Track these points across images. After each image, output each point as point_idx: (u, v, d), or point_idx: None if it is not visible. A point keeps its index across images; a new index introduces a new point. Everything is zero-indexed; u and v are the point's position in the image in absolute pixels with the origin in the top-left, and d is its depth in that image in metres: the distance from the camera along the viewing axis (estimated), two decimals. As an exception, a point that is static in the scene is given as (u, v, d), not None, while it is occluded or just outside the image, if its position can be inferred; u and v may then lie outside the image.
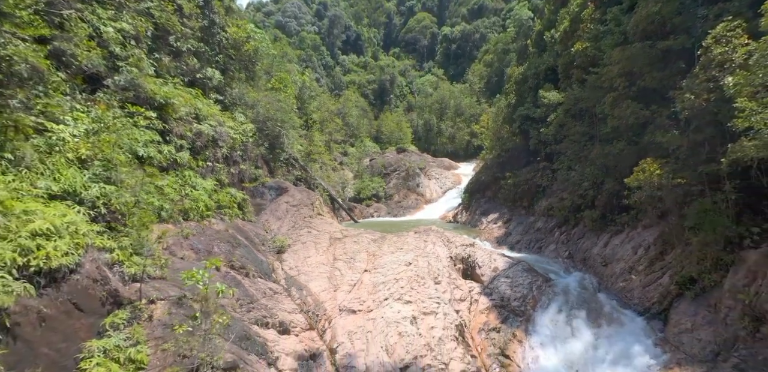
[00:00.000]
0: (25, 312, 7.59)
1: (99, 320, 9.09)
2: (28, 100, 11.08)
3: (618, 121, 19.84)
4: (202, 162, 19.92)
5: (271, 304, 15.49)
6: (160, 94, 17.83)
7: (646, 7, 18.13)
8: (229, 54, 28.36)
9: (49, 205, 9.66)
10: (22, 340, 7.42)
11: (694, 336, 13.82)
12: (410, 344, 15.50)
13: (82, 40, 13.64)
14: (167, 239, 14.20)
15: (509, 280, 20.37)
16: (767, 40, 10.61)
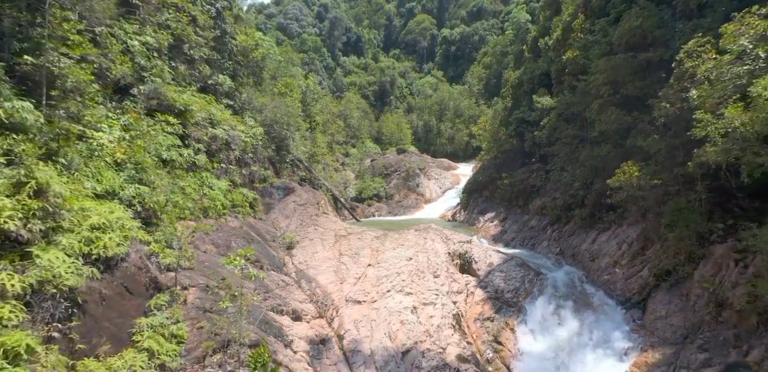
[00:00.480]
0: (90, 292, 9.08)
1: (144, 302, 10.58)
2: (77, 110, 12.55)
3: (604, 125, 21.33)
4: (217, 164, 21.39)
5: (284, 294, 16.99)
6: (180, 101, 19.31)
7: (629, 20, 19.63)
8: (237, 60, 29.83)
9: (100, 203, 11.15)
10: (89, 315, 8.91)
11: (667, 322, 15.33)
12: (411, 331, 16.99)
13: (116, 55, 15.10)
14: (190, 234, 15.67)
15: (503, 274, 21.88)
16: (724, 59, 12.07)
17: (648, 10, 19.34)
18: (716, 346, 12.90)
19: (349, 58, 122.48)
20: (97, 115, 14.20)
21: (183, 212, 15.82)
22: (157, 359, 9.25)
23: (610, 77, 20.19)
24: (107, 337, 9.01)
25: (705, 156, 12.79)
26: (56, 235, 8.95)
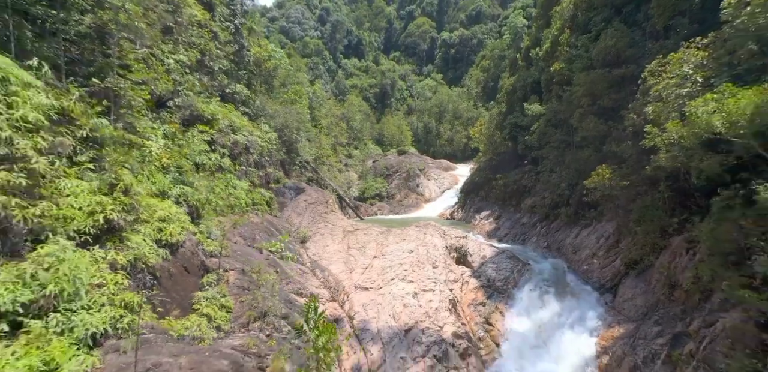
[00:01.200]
0: (162, 269, 11.60)
1: (198, 279, 13.11)
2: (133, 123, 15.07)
3: (585, 132, 23.88)
4: (238, 166, 23.91)
5: (302, 280, 19.52)
6: (208, 111, 21.84)
7: (605, 40, 22.16)
8: (251, 70, 32.36)
9: (159, 201, 13.68)
10: (163, 287, 11.43)
11: (632, 303, 17.86)
12: (412, 313, 19.52)
13: (161, 74, 17.62)
14: (222, 228, 18.19)
15: (495, 266, 24.41)
16: (671, 82, 14.60)
17: (621, 31, 21.88)
18: (667, 320, 15.43)
19: (350, 61, 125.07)
20: (145, 126, 16.72)
21: (216, 209, 18.33)
22: (214, 322, 11.76)
23: (589, 90, 22.72)
24: (176, 305, 11.53)
25: (659, 162, 15.31)
26: (137, 224, 11.48)
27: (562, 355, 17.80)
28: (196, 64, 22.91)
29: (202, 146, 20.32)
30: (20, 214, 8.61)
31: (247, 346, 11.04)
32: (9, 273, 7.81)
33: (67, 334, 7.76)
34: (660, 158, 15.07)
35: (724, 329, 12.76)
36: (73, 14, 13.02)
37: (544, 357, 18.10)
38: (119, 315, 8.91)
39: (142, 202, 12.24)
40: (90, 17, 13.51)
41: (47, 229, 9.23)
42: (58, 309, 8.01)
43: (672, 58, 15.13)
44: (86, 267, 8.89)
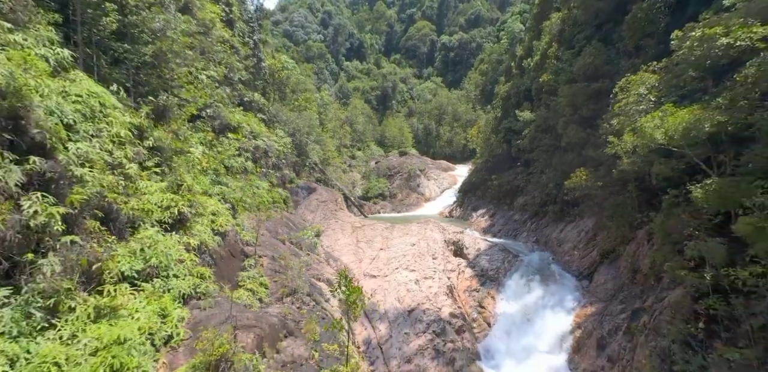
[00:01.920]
0: (216, 253, 14.54)
1: (240, 263, 16.04)
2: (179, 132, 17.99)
3: (568, 138, 26.79)
4: (259, 168, 26.84)
5: (319, 268, 22.44)
6: (234, 120, 24.76)
7: (584, 57, 25.07)
8: (266, 79, 35.28)
9: (207, 198, 16.61)
10: (217, 266, 14.36)
11: (603, 287, 20.79)
12: (415, 297, 22.46)
13: (201, 91, 20.55)
14: (250, 222, 21.11)
15: (488, 257, 27.33)
16: (630, 99, 17.52)
17: (599, 49, 24.77)
18: (629, 299, 18.36)
19: (351, 63, 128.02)
20: (187, 135, 19.64)
21: (244, 206, 21.26)
22: (257, 295, 14.68)
23: (571, 101, 25.63)
24: (227, 280, 14.46)
25: (623, 166, 18.23)
26: (197, 217, 14.41)
27: (543, 331, 20.73)
28: (223, 78, 25.81)
29: (232, 151, 23.23)
30: (123, 207, 11.55)
31: (285, 314, 13.97)
32: (123, 249, 10.75)
33: (168, 294, 10.70)
34: (623, 163, 17.99)
35: (669, 303, 15.71)
36: (138, 47, 15.93)
37: (528, 333, 21.03)
38: (197, 283, 11.86)
39: (198, 199, 15.18)
40: (150, 47, 16.43)
41: (138, 219, 12.17)
42: (159, 276, 10.96)
43: (632, 80, 18.06)
44: (171, 246, 11.84)
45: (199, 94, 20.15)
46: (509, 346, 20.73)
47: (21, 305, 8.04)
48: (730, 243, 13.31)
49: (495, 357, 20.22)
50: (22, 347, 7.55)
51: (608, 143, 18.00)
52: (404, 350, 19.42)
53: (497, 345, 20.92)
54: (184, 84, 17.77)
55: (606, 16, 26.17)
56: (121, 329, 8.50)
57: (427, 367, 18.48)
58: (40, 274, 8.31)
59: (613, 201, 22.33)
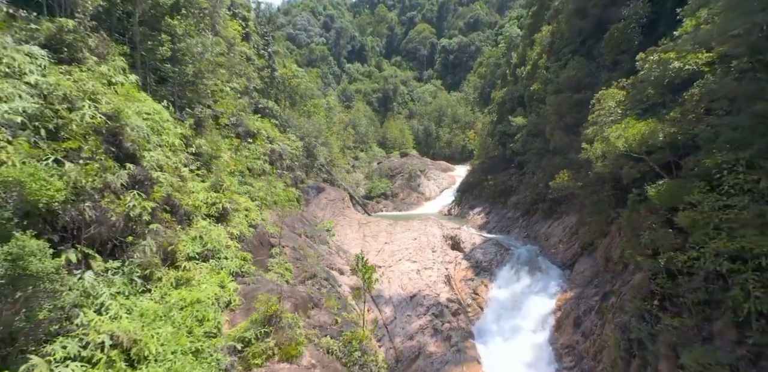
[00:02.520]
0: (251, 241, 17.39)
1: (268, 251, 18.89)
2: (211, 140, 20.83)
3: (554, 143, 29.62)
4: (275, 170, 29.66)
5: (331, 258, 25.29)
6: (254, 126, 27.60)
7: (569, 69, 27.90)
8: (278, 87, 38.11)
9: (239, 196, 19.45)
10: (254, 252, 17.21)
11: (582, 274, 23.63)
12: (416, 284, 25.30)
13: (229, 103, 23.39)
14: (272, 217, 23.94)
15: (482, 250, 30.18)
16: (602, 112, 20.34)
17: (581, 63, 27.60)
18: (602, 284, 21.21)
19: (353, 65, 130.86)
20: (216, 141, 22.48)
21: (266, 203, 24.09)
22: (284, 277, 17.52)
23: (557, 109, 28.46)
24: (260, 265, 17.32)
25: (597, 169, 21.05)
26: (234, 212, 17.27)
27: (528, 314, 23.57)
28: (244, 88, 28.65)
29: (254, 155, 26.08)
30: (182, 203, 14.40)
31: (309, 292, 16.82)
32: (186, 236, 13.60)
33: (222, 271, 13.55)
34: (597, 166, 20.80)
35: (632, 285, 18.56)
36: (182, 67, 18.77)
37: (516, 316, 23.88)
38: (241, 264, 14.71)
39: (234, 197, 18.03)
40: (191, 67, 19.28)
41: (192, 213, 15.01)
42: (213, 257, 13.81)
43: (605, 94, 20.89)
44: (220, 235, 14.71)
45: (226, 106, 22.98)
46: (499, 326, 23.58)
47: (126, 274, 10.89)
48: (677, 233, 16.15)
49: (486, 336, 23.06)
50: (132, 303, 10.41)
51: (583, 149, 20.81)
52: (407, 329, 22.26)
53: (488, 326, 23.77)
54: (216, 97, 20.58)
55: (588, 34, 29.00)
56: (198, 293, 11.37)
57: (426, 343, 21.32)
58: (140, 252, 11.17)
59: (592, 199, 25.13)
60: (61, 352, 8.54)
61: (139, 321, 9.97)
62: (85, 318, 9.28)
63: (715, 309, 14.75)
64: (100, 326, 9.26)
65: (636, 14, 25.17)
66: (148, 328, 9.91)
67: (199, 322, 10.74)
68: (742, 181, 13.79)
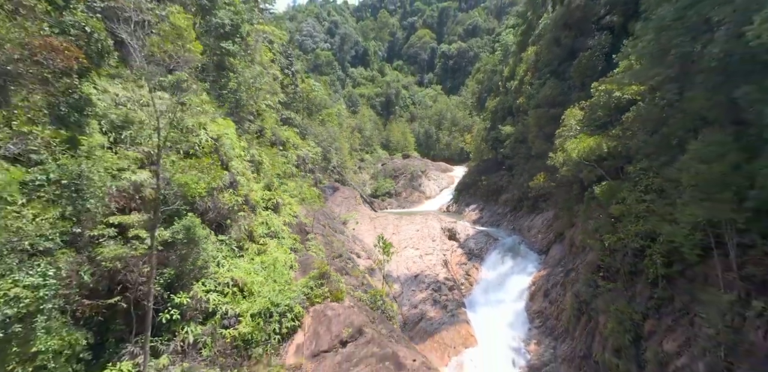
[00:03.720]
0: (294, 227, 23.02)
1: (305, 236, 24.50)
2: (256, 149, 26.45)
3: (536, 149, 35.18)
4: (300, 172, 35.24)
5: (350, 245, 30.88)
6: (284, 136, 33.18)
7: (546, 89, 33.45)
8: (298, 100, 43.65)
9: (282, 194, 25.07)
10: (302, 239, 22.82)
11: (554, 258, 29.20)
12: (419, 266, 30.89)
13: (269, 119, 28.97)
14: (303, 211, 29.52)
15: (474, 240, 35.76)
16: (565, 128, 25.89)
17: (556, 84, 33.14)
18: (566, 264, 26.79)
19: (356, 70, 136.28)
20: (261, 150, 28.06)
21: (298, 200, 29.68)
22: (319, 256, 23.14)
23: (537, 122, 34.02)
24: (303, 245, 22.93)
25: (562, 172, 26.62)
26: (282, 205, 22.88)
27: (510, 289, 29.15)
28: (275, 104, 34.23)
29: (286, 160, 31.68)
30: (253, 198, 19.99)
31: (340, 266, 22.41)
32: (255, 221, 19.20)
33: (283, 246, 19.16)
34: (562, 171, 26.38)
35: (585, 263, 24.14)
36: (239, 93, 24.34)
37: (500, 290, 29.45)
38: (293, 243, 20.33)
39: (280, 194, 23.65)
40: (245, 94, 24.86)
41: (256, 205, 20.60)
42: (275, 237, 19.43)
43: (569, 113, 26.45)
44: (277, 222, 20.33)
45: (268, 122, 28.57)
46: (486, 298, 29.17)
47: (228, 245, 16.49)
48: (613, 221, 21.71)
49: (475, 305, 28.64)
50: (234, 263, 16.02)
51: (550, 157, 26.39)
52: (412, 300, 27.87)
53: (477, 298, 29.36)
54: (266, 117, 26.18)
55: (562, 59, 34.52)
56: (274, 259, 16.98)
57: (427, 310, 26.91)
58: (235, 231, 16.78)
59: (563, 197, 30.71)
60: (205, 286, 14.14)
61: (243, 272, 15.57)
62: (213, 269, 14.88)
63: (636, 275, 20.34)
64: (222, 274, 14.86)
65: (599, 45, 30.77)
66: (249, 277, 15.51)
67: (278, 275, 16.30)
68: (652, 183, 19.35)
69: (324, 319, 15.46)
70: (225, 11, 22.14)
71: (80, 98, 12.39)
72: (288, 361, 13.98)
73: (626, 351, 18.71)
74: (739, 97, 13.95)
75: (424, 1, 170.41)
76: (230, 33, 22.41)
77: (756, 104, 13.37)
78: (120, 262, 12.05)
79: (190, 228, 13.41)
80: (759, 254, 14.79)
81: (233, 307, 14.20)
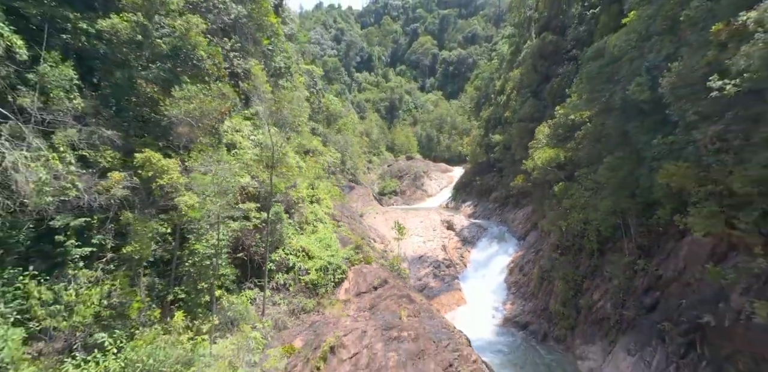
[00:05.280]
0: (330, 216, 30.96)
1: (337, 222, 32.39)
2: (301, 158, 34.40)
3: (518, 155, 43.01)
4: (324, 174, 43.06)
5: (367, 232, 38.70)
6: (312, 145, 41.04)
7: (525, 107, 41.20)
8: (320, 112, 51.45)
9: (319, 191, 33.02)
10: (336, 225, 30.75)
11: (528, 242, 37.03)
12: (422, 249, 38.78)
13: (306, 135, 36.84)
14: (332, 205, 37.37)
15: (468, 230, 43.61)
16: (535, 141, 33.68)
17: (534, 103, 40.83)
18: (537, 245, 34.60)
19: (361, 74, 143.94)
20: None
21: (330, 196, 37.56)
22: (350, 234, 31.01)
23: (519, 133, 41.77)
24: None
25: (534, 175, 34.42)
26: (321, 200, 30.80)
27: (494, 266, 36.98)
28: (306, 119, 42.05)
29: (316, 165, 39.56)
30: (304, 194, 27.89)
31: (365, 244, 30.27)
32: (306, 210, 27.12)
33: (328, 228, 27.05)
34: (533, 174, 34.15)
35: (549, 244, 31.98)
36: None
37: (486, 267, 37.29)
38: (334, 226, 28.22)
39: (320, 192, 31.56)
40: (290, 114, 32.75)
41: (304, 199, 28.47)
42: (321, 222, 27.33)
43: (539, 129, 34.19)
44: (320, 210, 28.26)
45: (307, 137, 36.44)
46: (475, 274, 37.02)
47: (293, 225, 24.38)
48: (565, 211, 29.48)
49: (467, 279, 36.48)
50: (299, 238, 23.95)
51: (523, 164, 34.20)
52: (417, 275, 35.72)
53: (469, 274, 37.22)
54: (306, 134, 34.09)
55: (539, 82, 42.23)
56: (323, 236, 24.88)
57: (429, 282, 34.75)
58: (297, 215, 24.69)
59: (538, 195, 38.49)
60: (285, 251, 22.00)
61: (305, 243, 23.42)
62: (287, 241, 22.72)
63: (580, 250, 28.17)
64: (293, 244, 22.70)
65: (567, 72, 38.51)
66: (310, 246, 23.36)
67: (328, 246, 24.13)
68: (590, 183, 27.11)
69: (361, 274, 23.33)
70: (281, 57, 29.97)
71: (217, 132, 20.27)
72: (340, 298, 21.86)
73: (569, 302, 26.56)
74: (629, 130, 21.76)
75: (426, 8, 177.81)
76: (284, 72, 30.23)
77: (636, 135, 21.15)
78: (241, 232, 19.93)
79: (278, 212, 21.29)
80: (645, 231, 22.61)
81: (303, 264, 22.06)
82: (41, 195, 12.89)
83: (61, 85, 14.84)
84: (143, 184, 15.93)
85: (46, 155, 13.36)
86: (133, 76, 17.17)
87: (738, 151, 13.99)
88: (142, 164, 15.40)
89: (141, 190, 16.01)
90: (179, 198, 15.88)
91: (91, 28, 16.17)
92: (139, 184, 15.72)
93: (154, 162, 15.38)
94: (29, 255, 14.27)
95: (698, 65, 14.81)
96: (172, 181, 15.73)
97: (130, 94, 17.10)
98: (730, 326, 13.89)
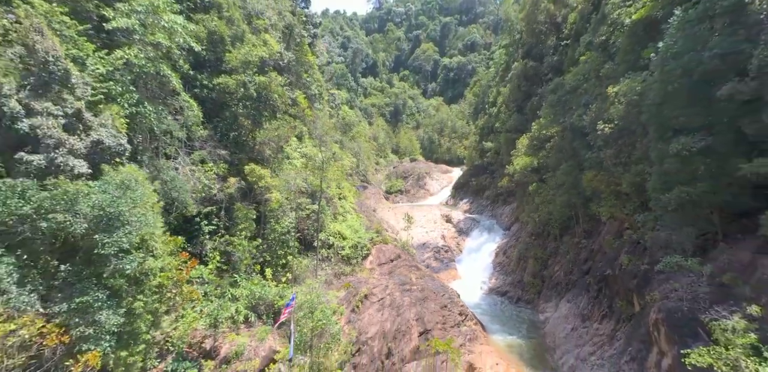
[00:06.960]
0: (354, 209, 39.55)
1: (358, 214, 41.03)
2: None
3: (505, 161, 51.46)
4: (345, 175, 51.61)
5: (381, 223, 47.22)
6: (334, 150, 49.58)
7: (511, 120, 49.59)
8: (339, 122, 59.92)
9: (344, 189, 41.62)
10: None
11: (512, 231, 45.48)
12: (425, 238, 47.35)
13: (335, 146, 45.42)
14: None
15: (464, 222, 52.12)
16: (516, 151, 42.08)
17: (518, 116, 49.11)
18: (518, 234, 43.03)
19: (366, 80, 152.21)
20: (325, 163, 44.51)
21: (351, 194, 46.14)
22: (369, 224, 39.61)
23: (506, 142, 50.18)
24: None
25: (516, 177, 42.88)
26: (347, 196, 39.35)
27: (484, 251, 45.44)
28: (328, 130, 50.62)
29: (338, 169, 48.14)
30: (330, 193, 36.45)
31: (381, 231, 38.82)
32: (338, 204, 35.68)
33: (354, 217, 35.59)
34: (516, 176, 42.55)
35: (526, 232, 40.47)
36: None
37: (478, 252, 45.76)
38: (359, 216, 36.79)
39: (345, 191, 40.12)
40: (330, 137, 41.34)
41: (335, 197, 36.99)
42: (349, 213, 35.90)
43: (519, 141, 42.55)
44: (347, 205, 36.87)
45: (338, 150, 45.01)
46: (468, 257, 45.50)
47: (330, 215, 32.96)
48: (537, 205, 37.89)
49: (462, 261, 44.96)
50: (334, 224, 32.57)
51: (506, 168, 42.65)
52: (421, 258, 44.20)
53: (463, 257, 45.71)
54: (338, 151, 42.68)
55: (522, 99, 50.56)
56: (352, 223, 33.46)
57: (431, 263, 43.24)
58: (333, 207, 33.32)
59: (520, 194, 46.89)
60: (326, 233, 30.53)
61: (339, 228, 31.91)
62: (328, 226, 31.24)
63: (547, 236, 36.63)
64: (330, 229, 31.20)
65: (544, 93, 46.85)
66: (344, 230, 31.87)
67: (356, 231, 32.58)
68: (553, 184, 35.54)
69: (381, 250, 31.84)
70: (315, 85, 38.47)
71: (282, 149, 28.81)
72: (367, 267, 30.37)
73: (537, 274, 35.04)
74: (575, 146, 30.19)
75: (428, 16, 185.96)
76: (317, 98, 38.74)
77: (579, 149, 29.55)
78: (298, 219, 28.44)
79: (322, 205, 29.82)
80: (588, 219, 31.05)
81: (340, 243, 30.58)
82: (199, 191, 21.46)
83: (196, 122, 23.41)
84: (247, 185, 24.49)
85: (201, 168, 21.91)
86: (234, 114, 25.73)
87: (625, 165, 22.45)
88: (248, 173, 23.94)
89: (245, 189, 24.57)
90: (269, 194, 24.44)
91: (210, 83, 24.73)
92: (245, 185, 24.28)
93: (256, 171, 23.91)
94: (177, 231, 22.85)
95: (601, 110, 23.30)
96: (266, 183, 24.25)
97: (233, 125, 25.67)
98: (617, 274, 22.30)
